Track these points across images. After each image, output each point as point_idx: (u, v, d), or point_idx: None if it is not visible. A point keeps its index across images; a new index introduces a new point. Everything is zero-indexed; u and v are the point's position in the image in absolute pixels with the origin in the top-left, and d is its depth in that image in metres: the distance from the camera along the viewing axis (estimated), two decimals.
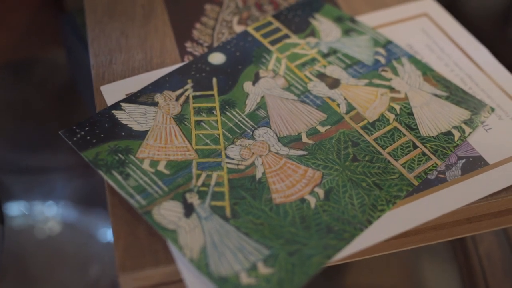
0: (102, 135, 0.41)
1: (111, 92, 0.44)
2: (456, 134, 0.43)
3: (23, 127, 0.41)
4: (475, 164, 0.41)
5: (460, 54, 0.49)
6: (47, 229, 0.50)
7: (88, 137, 0.41)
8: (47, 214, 0.51)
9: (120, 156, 0.40)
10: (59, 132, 0.41)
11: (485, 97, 0.46)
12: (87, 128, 0.41)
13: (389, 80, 0.46)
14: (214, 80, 0.45)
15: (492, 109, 0.45)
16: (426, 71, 0.47)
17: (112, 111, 0.43)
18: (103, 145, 0.40)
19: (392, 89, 0.46)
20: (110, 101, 0.44)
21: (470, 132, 0.43)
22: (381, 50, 0.49)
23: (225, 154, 0.41)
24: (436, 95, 0.45)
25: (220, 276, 0.34)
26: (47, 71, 0.60)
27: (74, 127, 0.41)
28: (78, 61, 0.63)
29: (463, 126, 0.43)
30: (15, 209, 0.52)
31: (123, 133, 0.41)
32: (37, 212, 0.52)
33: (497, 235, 0.50)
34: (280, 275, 0.35)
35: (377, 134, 0.43)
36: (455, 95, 0.46)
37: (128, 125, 0.42)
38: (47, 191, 0.54)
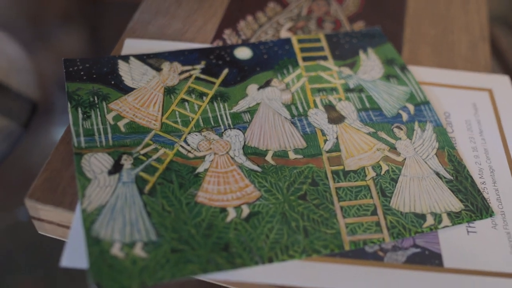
0: (94, 76, 0.43)
1: (131, 47, 0.46)
2: (429, 221, 0.37)
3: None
4: (427, 259, 0.36)
5: (499, 144, 0.42)
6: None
7: (82, 73, 0.43)
8: None
9: (96, 99, 0.42)
10: (63, 59, 0.44)
11: (494, 198, 0.39)
12: (87, 65, 0.44)
13: (396, 139, 0.42)
14: (225, 71, 0.45)
15: (492, 214, 0.38)
16: (445, 146, 0.41)
17: (119, 60, 0.45)
18: (89, 84, 0.43)
19: (393, 148, 0.41)
20: (124, 54, 0.46)
21: (447, 226, 0.37)
22: (410, 107, 0.44)
23: (185, 138, 0.40)
24: (438, 174, 0.40)
25: (96, 237, 0.34)
26: None
27: (77, 60, 0.44)
28: None
29: (444, 216, 0.37)
30: None
31: (113, 82, 0.43)
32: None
33: None
34: (148, 264, 0.34)
35: (343, 184, 0.39)
36: (460, 182, 0.39)
37: (122, 77, 0.43)
38: None
